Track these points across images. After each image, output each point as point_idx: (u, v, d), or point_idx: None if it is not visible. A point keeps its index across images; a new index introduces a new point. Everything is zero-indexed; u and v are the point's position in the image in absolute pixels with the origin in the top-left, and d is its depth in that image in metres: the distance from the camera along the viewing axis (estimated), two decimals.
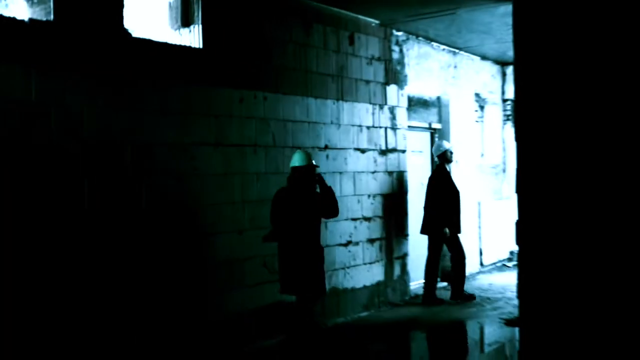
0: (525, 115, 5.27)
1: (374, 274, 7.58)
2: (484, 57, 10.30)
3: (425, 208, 8.12)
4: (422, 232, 8.17)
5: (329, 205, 5.76)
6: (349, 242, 7.18)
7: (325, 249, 6.69)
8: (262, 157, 6.20)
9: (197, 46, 5.68)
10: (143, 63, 5.20)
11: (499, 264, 10.70)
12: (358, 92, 7.42)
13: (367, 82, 7.56)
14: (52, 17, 4.65)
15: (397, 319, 7.27)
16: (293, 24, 6.57)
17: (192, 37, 5.71)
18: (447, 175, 8.14)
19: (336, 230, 7.01)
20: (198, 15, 5.70)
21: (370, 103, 7.60)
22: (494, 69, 10.80)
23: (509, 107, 11.12)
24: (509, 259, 10.91)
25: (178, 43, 5.64)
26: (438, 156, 8.19)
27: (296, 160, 5.66)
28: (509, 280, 9.24)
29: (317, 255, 5.73)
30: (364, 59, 7.51)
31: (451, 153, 8.18)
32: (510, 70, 10.97)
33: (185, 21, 5.76)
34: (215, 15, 5.78)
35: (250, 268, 6.05)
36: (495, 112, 10.90)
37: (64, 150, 4.66)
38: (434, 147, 8.49)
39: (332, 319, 6.94)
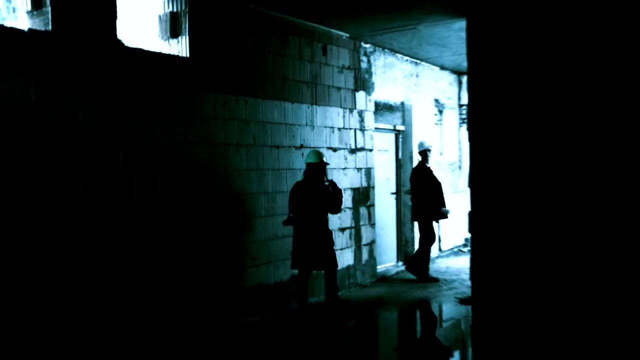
0: (477, 119, 5.31)
1: (344, 258, 7.55)
2: (442, 67, 10.31)
3: (412, 199, 8.35)
4: (413, 219, 8.57)
5: (336, 202, 6.39)
6: None
7: None
8: (243, 155, 6.12)
9: (184, 55, 5.58)
10: (135, 70, 5.09)
11: (455, 249, 10.75)
12: (330, 98, 7.37)
13: (339, 88, 7.51)
14: (50, 27, 4.53)
15: (366, 298, 7.26)
16: (272, 36, 6.49)
17: (180, 47, 5.61)
18: (428, 170, 8.29)
19: None
20: (185, 27, 5.60)
21: (341, 107, 7.55)
22: (452, 77, 10.83)
23: (464, 112, 11.16)
24: (464, 245, 10.97)
25: (167, 52, 5.55)
26: (420, 152, 8.38)
27: (310, 157, 6.33)
28: (463, 263, 9.29)
29: (327, 237, 6.38)
30: (335, 68, 7.46)
31: (429, 151, 8.38)
32: (465, 79, 11.02)
33: (174, 33, 5.65)
34: (200, 28, 5.68)
35: (233, 254, 5.99)
36: (453, 115, 10.94)
37: (61, 149, 4.55)
38: (418, 144, 8.65)
39: (308, 298, 6.90)
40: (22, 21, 4.71)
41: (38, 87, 4.41)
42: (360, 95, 7.92)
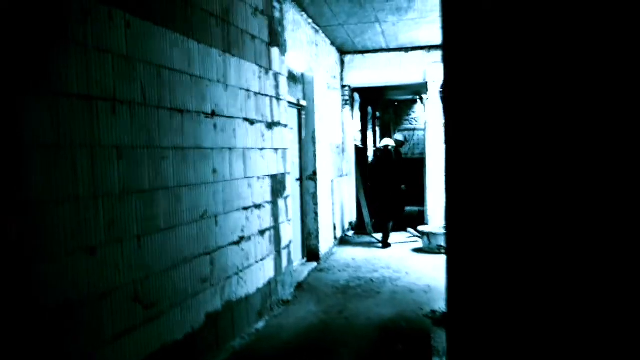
0: (452, 99, 2.32)
1: (265, 271, 4.36)
2: (332, 43, 7.50)
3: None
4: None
5: None
6: (241, 239, 3.88)
7: (217, 252, 3.34)
8: (125, 119, 2.61)
9: None
10: None
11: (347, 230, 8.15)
12: (245, 47, 4.06)
13: (253, 37, 4.23)
14: None
15: (301, 328, 4.17)
16: None
17: None
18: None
19: (227, 226, 3.65)
20: None
21: (256, 64, 4.27)
22: (337, 56, 8.06)
23: (347, 93, 8.51)
24: (349, 229, 8.47)
25: None
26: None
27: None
28: (357, 253, 6.71)
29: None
30: (249, 7, 4.16)
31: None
32: (347, 58, 8.35)
33: None
34: None
35: (112, 308, 2.48)
36: (336, 97, 8.18)
37: None
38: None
39: (228, 343, 3.62)
40: None
41: None
42: (275, 52, 4.71)
